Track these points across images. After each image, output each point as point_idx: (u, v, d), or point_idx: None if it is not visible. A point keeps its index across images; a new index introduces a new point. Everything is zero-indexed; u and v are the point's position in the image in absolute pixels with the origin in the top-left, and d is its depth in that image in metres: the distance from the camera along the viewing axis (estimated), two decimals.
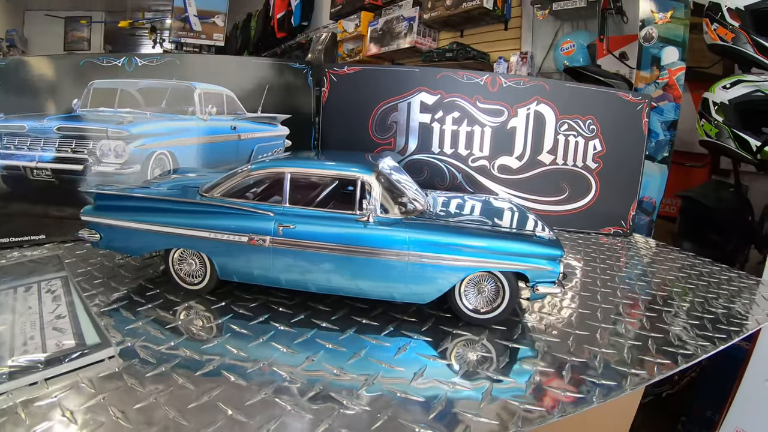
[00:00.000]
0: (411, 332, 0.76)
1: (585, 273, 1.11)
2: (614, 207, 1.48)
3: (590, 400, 0.60)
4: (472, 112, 1.45)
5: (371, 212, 0.78)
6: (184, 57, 1.37)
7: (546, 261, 0.76)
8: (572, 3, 2.78)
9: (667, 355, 0.73)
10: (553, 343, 0.75)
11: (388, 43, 4.21)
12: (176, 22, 6.44)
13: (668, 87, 2.05)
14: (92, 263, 1.00)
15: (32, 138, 1.20)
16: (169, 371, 0.61)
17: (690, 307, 0.95)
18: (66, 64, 1.24)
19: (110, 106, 1.25)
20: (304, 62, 1.45)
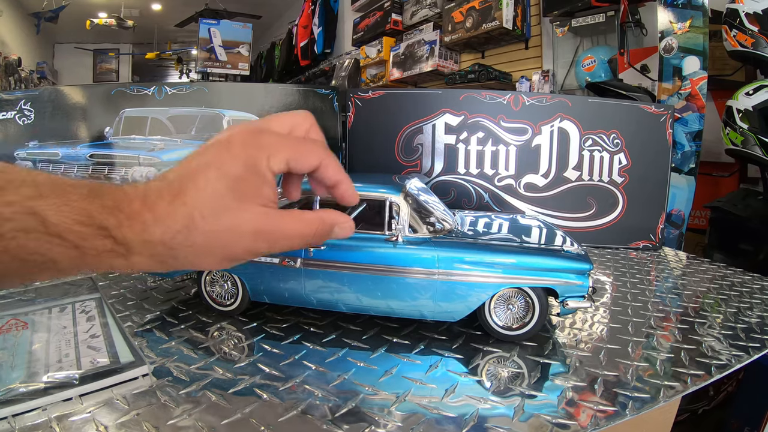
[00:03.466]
0: (442, 350, 0.76)
1: (615, 288, 1.11)
2: (642, 221, 1.47)
3: (624, 414, 0.59)
4: (496, 132, 1.46)
5: (400, 232, 0.79)
6: (212, 85, 1.41)
7: (575, 275, 0.77)
8: (591, 19, 2.79)
9: (701, 366, 0.72)
10: (584, 358, 0.75)
11: (411, 67, 4.25)
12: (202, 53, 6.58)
13: (691, 97, 2.04)
14: (125, 285, 1.02)
15: (66, 164, 1.23)
16: (202, 389, 0.62)
17: (723, 317, 0.94)
18: (98, 93, 1.28)
19: (141, 134, 1.29)
20: (330, 87, 1.47)
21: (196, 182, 0.45)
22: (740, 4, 1.86)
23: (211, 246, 0.47)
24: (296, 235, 0.51)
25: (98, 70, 10.89)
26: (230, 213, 0.46)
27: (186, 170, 0.46)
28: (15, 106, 1.19)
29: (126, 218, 0.43)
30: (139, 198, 0.44)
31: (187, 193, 0.45)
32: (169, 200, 0.45)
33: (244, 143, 0.47)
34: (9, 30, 7.81)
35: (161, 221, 0.44)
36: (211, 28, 6.62)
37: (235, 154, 0.47)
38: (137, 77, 11.22)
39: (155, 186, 0.45)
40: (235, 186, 0.46)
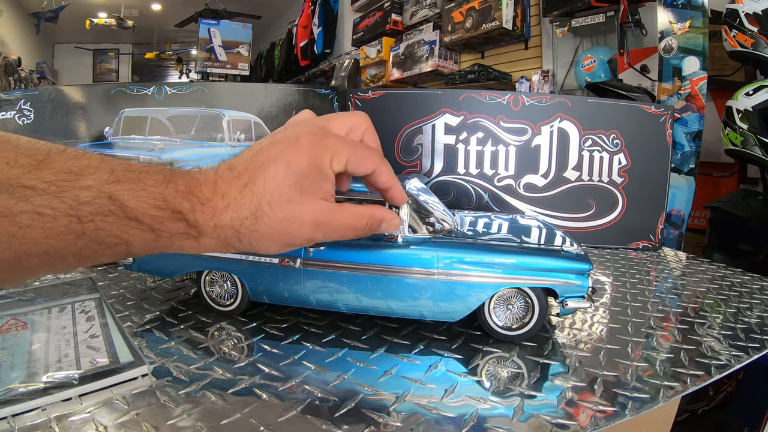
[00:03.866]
0: (441, 350, 0.76)
1: (615, 288, 1.11)
2: (642, 221, 1.47)
3: (623, 414, 0.59)
4: (496, 132, 1.46)
5: (400, 232, 0.79)
6: (212, 85, 1.40)
7: (574, 275, 0.77)
8: (591, 19, 2.79)
9: (700, 367, 0.72)
10: (584, 358, 0.75)
11: (411, 68, 4.26)
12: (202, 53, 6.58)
13: (691, 97, 2.04)
14: (125, 286, 1.02)
15: None
16: (202, 389, 0.62)
17: (722, 318, 0.94)
18: (97, 93, 1.28)
19: (141, 134, 1.29)
20: (330, 88, 1.47)
21: (265, 174, 0.50)
22: (740, 5, 1.86)
23: (274, 232, 0.51)
24: (350, 227, 0.56)
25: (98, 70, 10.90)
26: (294, 204, 0.51)
27: (255, 162, 0.50)
28: (14, 106, 1.19)
29: (199, 203, 0.48)
30: (209, 184, 0.49)
31: (257, 183, 0.49)
32: (239, 188, 0.49)
33: (311, 142, 0.52)
34: (9, 30, 7.81)
35: (231, 207, 0.49)
36: (210, 28, 6.63)
37: (302, 151, 0.51)
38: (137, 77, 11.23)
39: (225, 175, 0.50)
40: (300, 180, 0.51)
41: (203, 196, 0.48)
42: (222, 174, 0.50)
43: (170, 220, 0.47)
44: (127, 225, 0.45)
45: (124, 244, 0.46)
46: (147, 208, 0.45)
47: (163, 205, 0.46)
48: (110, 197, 0.44)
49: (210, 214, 0.48)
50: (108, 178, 0.44)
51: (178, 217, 0.47)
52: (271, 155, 0.51)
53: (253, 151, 0.52)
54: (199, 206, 0.48)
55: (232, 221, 0.49)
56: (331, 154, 0.53)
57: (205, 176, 0.50)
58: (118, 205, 0.44)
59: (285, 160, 0.50)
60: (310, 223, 0.52)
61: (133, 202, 0.45)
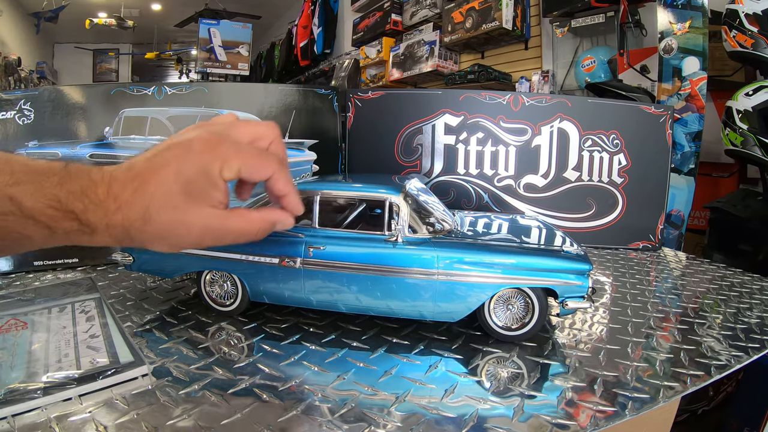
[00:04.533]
0: (441, 350, 0.76)
1: (615, 288, 1.11)
2: (642, 221, 1.47)
3: (623, 414, 0.60)
4: (496, 132, 1.46)
5: (400, 232, 0.79)
6: (212, 85, 1.40)
7: (574, 275, 0.77)
8: (591, 19, 2.79)
9: (700, 367, 0.72)
10: (584, 358, 0.75)
11: (411, 68, 4.25)
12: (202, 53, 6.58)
13: (691, 98, 2.04)
14: (125, 286, 1.03)
15: None
16: (202, 389, 0.62)
17: (722, 318, 0.94)
18: (97, 93, 1.28)
19: (141, 134, 1.28)
20: (330, 88, 1.47)
21: (156, 178, 0.51)
22: (740, 5, 1.86)
23: (161, 234, 0.53)
24: (241, 231, 0.58)
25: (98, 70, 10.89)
26: (179, 211, 0.52)
27: (151, 165, 0.52)
28: (14, 105, 1.19)
29: (91, 203, 0.50)
30: (104, 185, 0.50)
31: (147, 188, 0.51)
32: (131, 191, 0.51)
33: (203, 150, 0.53)
34: (9, 30, 7.80)
35: (122, 210, 0.51)
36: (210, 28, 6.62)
37: (192, 158, 0.53)
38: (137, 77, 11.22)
39: (121, 176, 0.51)
40: (187, 188, 0.52)
41: (96, 198, 0.50)
42: (118, 175, 0.51)
43: (64, 219, 0.49)
44: (26, 223, 0.48)
45: (25, 238, 0.50)
46: (42, 208, 0.48)
47: (56, 206, 0.49)
48: (10, 198, 0.47)
49: (102, 215, 0.50)
50: (8, 180, 0.47)
51: (71, 217, 0.49)
52: (165, 159, 0.52)
53: (154, 152, 0.54)
54: (92, 207, 0.50)
55: (123, 221, 0.51)
56: (221, 162, 0.53)
57: (102, 176, 0.51)
58: (17, 205, 0.48)
59: (175, 167, 0.52)
60: (198, 229, 0.54)
61: (30, 203, 0.48)
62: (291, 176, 0.61)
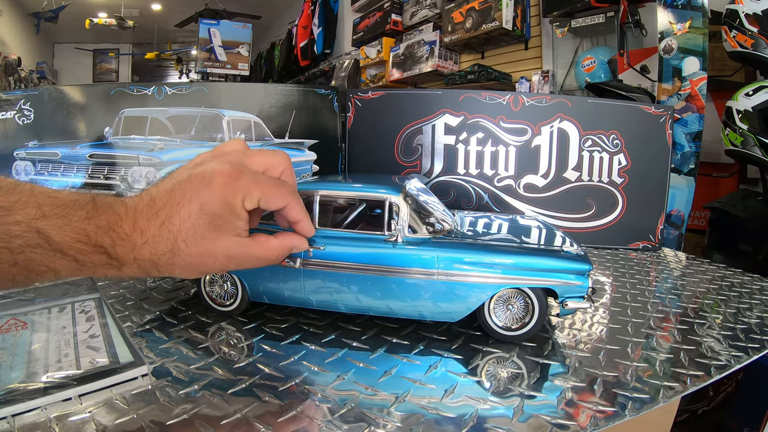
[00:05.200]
0: (441, 350, 0.76)
1: (615, 288, 1.11)
2: (642, 221, 1.47)
3: (623, 414, 0.59)
4: (496, 132, 1.46)
5: (399, 232, 0.79)
6: (212, 85, 1.40)
7: (574, 276, 0.77)
8: (591, 19, 2.79)
9: (700, 367, 0.72)
10: (584, 359, 0.75)
11: (411, 68, 4.26)
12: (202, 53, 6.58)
13: (691, 98, 2.04)
14: (124, 286, 1.02)
15: (65, 165, 1.23)
16: (202, 389, 0.62)
17: (722, 318, 0.94)
18: (97, 93, 1.28)
19: (141, 134, 1.29)
20: (330, 88, 1.47)
21: (180, 213, 0.54)
22: (740, 5, 1.86)
23: (189, 265, 0.56)
24: (261, 258, 0.63)
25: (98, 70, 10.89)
26: (207, 241, 0.56)
27: (172, 199, 0.55)
28: (15, 105, 1.19)
29: (119, 238, 0.52)
30: (129, 220, 0.53)
31: (173, 222, 0.54)
32: (158, 226, 0.53)
33: (224, 183, 0.56)
34: (9, 30, 7.81)
35: (149, 244, 0.53)
36: (210, 29, 6.63)
37: (215, 191, 0.55)
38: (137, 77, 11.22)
39: (145, 211, 0.54)
40: (213, 221, 0.55)
41: (123, 232, 0.52)
42: (142, 210, 0.54)
43: (92, 253, 0.51)
44: (54, 256, 0.50)
45: (52, 271, 0.51)
46: (71, 242, 0.50)
47: (85, 240, 0.50)
48: (38, 231, 0.48)
49: (130, 249, 0.53)
50: (35, 213, 0.49)
51: (99, 251, 0.51)
52: (186, 194, 0.55)
53: (172, 185, 0.56)
54: (120, 241, 0.52)
55: (151, 256, 0.54)
56: (243, 194, 0.57)
57: (126, 210, 0.53)
58: (45, 239, 0.49)
59: (198, 201, 0.54)
60: (223, 257, 0.58)
61: (59, 236, 0.49)
62: (302, 202, 0.66)
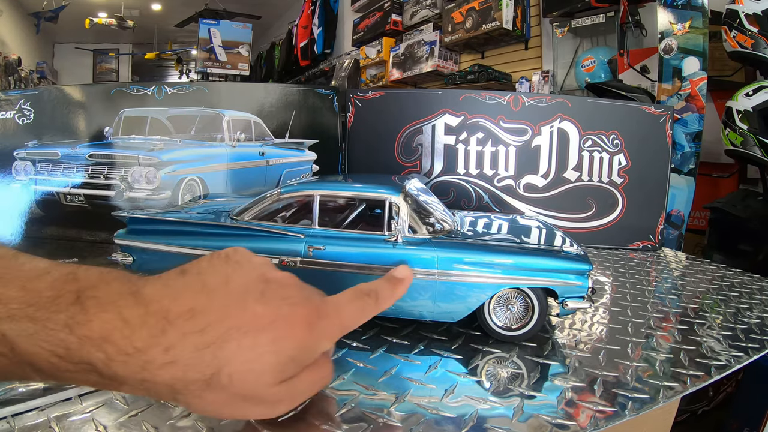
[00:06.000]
0: (441, 350, 0.76)
1: (615, 288, 1.11)
2: (642, 221, 1.47)
3: (623, 414, 0.59)
4: (496, 132, 1.46)
5: (399, 232, 0.79)
6: (212, 85, 1.40)
7: (574, 276, 0.77)
8: (591, 19, 2.79)
9: (700, 367, 0.72)
10: (584, 359, 0.75)
11: (411, 68, 4.26)
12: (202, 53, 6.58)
13: (691, 98, 2.04)
14: None
15: (65, 164, 1.23)
16: None
17: (722, 318, 0.94)
18: (97, 93, 1.28)
19: (141, 134, 1.29)
20: (330, 88, 1.47)
21: (241, 341, 0.41)
22: (740, 5, 1.86)
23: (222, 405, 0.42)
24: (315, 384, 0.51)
25: (98, 70, 10.89)
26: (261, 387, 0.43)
27: (231, 323, 0.41)
28: (14, 105, 1.19)
29: (118, 353, 0.38)
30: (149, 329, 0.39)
31: (226, 348, 0.40)
32: (198, 346, 0.40)
33: (308, 324, 0.45)
34: (9, 30, 7.81)
35: (177, 366, 0.39)
36: (211, 29, 6.63)
37: (294, 335, 0.44)
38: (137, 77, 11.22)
39: (181, 324, 0.40)
40: (283, 368, 0.44)
41: (129, 346, 0.38)
42: (176, 321, 0.40)
43: (76, 370, 0.38)
44: (22, 368, 0.37)
45: (25, 379, 0.40)
46: (45, 355, 0.37)
47: (64, 354, 0.37)
48: (2, 336, 0.36)
49: (137, 368, 0.38)
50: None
51: (86, 369, 0.38)
52: (258, 322, 0.43)
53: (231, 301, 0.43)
54: (120, 357, 0.38)
55: (173, 381, 0.39)
56: (325, 341, 0.48)
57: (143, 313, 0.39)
58: (9, 347, 0.36)
59: (272, 336, 0.43)
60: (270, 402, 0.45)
61: (27, 346, 0.36)
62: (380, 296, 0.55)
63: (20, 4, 7.97)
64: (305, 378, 0.47)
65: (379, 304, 0.54)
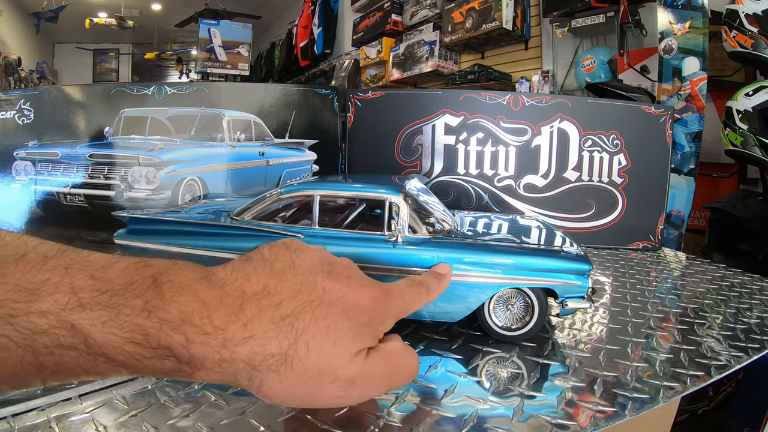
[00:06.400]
0: (441, 350, 0.76)
1: (615, 288, 1.11)
2: (642, 221, 1.47)
3: (623, 414, 0.59)
4: (496, 132, 1.46)
5: (399, 232, 0.79)
6: (212, 85, 1.40)
7: (574, 276, 0.77)
8: (591, 19, 2.79)
9: (700, 367, 0.72)
10: (584, 359, 0.75)
11: (411, 68, 4.26)
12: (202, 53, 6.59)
13: (691, 98, 2.04)
14: None
15: (65, 164, 1.23)
16: (202, 389, 0.61)
17: (722, 318, 0.94)
18: (97, 93, 1.28)
19: (141, 134, 1.29)
20: (330, 88, 1.47)
21: (315, 312, 0.43)
22: (740, 5, 1.86)
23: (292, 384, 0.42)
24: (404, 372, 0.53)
25: (98, 70, 10.89)
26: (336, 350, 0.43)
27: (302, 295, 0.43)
28: (14, 105, 1.19)
29: (199, 334, 0.38)
30: (226, 309, 0.40)
31: (301, 319, 0.42)
32: (275, 319, 0.41)
33: (375, 299, 0.48)
34: (9, 30, 7.81)
35: (256, 340, 0.40)
36: (211, 29, 6.64)
37: (364, 306, 0.47)
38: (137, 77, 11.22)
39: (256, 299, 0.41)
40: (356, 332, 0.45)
41: (209, 325, 0.39)
42: (252, 298, 0.41)
43: (153, 357, 0.37)
44: (95, 361, 0.36)
45: (95, 374, 0.38)
46: (120, 343, 0.36)
47: (141, 341, 0.37)
48: (72, 327, 0.35)
49: (217, 346, 0.39)
50: (69, 301, 0.35)
51: (164, 354, 0.37)
52: (330, 296, 0.45)
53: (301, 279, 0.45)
54: (200, 337, 0.38)
55: (251, 356, 0.40)
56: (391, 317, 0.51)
57: (220, 293, 0.41)
58: (81, 339, 0.35)
59: (343, 307, 0.45)
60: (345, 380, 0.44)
61: (101, 336, 0.35)
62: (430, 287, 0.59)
63: (20, 4, 7.97)
64: (386, 360, 0.49)
65: (429, 294, 0.58)
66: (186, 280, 0.40)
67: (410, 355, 0.52)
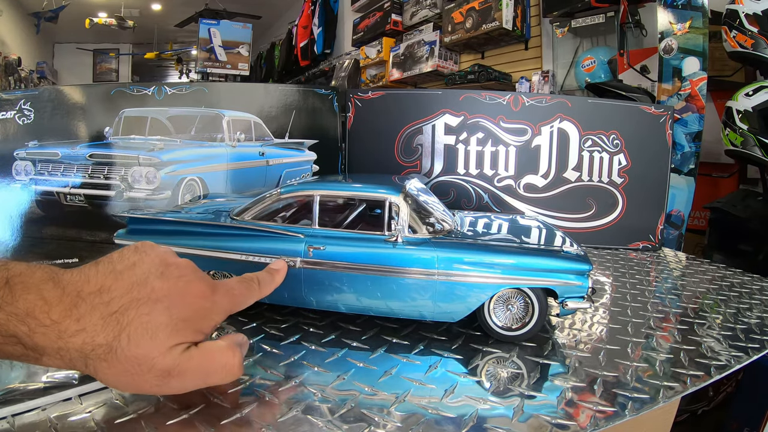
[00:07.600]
0: (441, 350, 0.76)
1: (615, 288, 1.11)
2: (642, 221, 1.47)
3: (623, 414, 0.59)
4: (496, 132, 1.46)
5: (400, 232, 0.79)
6: (212, 85, 1.40)
7: (574, 276, 0.77)
8: (591, 19, 2.79)
9: (700, 367, 0.72)
10: (584, 359, 0.75)
11: (411, 68, 4.25)
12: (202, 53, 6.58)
13: (691, 98, 2.04)
14: None
15: (65, 164, 1.23)
16: (202, 389, 0.62)
17: (722, 318, 0.94)
18: (97, 93, 1.28)
19: (141, 134, 1.29)
20: (330, 88, 1.47)
21: (139, 309, 0.49)
22: (740, 5, 1.86)
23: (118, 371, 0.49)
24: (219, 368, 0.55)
25: (98, 70, 10.89)
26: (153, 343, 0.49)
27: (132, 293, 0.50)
28: (15, 105, 1.19)
29: (39, 326, 0.46)
30: (63, 306, 0.47)
31: (126, 315, 0.49)
32: (104, 316, 0.48)
33: (202, 296, 0.54)
34: (9, 30, 7.81)
35: (86, 332, 0.47)
36: (211, 29, 6.63)
37: (188, 302, 0.53)
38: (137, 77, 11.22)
39: (91, 298, 0.48)
40: (174, 326, 0.51)
41: (47, 319, 0.46)
42: (87, 296, 0.48)
43: (5, 343, 0.46)
44: None
45: None
46: None
47: None
48: None
49: (54, 337, 0.46)
50: None
51: (12, 341, 0.46)
52: (155, 294, 0.51)
53: (135, 280, 0.51)
54: (40, 329, 0.46)
55: (83, 346, 0.47)
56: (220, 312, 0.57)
57: (60, 294, 0.47)
58: None
59: (166, 304, 0.51)
60: (161, 369, 0.50)
61: None
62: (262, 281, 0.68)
63: (20, 4, 7.96)
64: (202, 356, 0.53)
65: (261, 289, 0.66)
66: (36, 281, 0.47)
67: (231, 354, 0.55)
